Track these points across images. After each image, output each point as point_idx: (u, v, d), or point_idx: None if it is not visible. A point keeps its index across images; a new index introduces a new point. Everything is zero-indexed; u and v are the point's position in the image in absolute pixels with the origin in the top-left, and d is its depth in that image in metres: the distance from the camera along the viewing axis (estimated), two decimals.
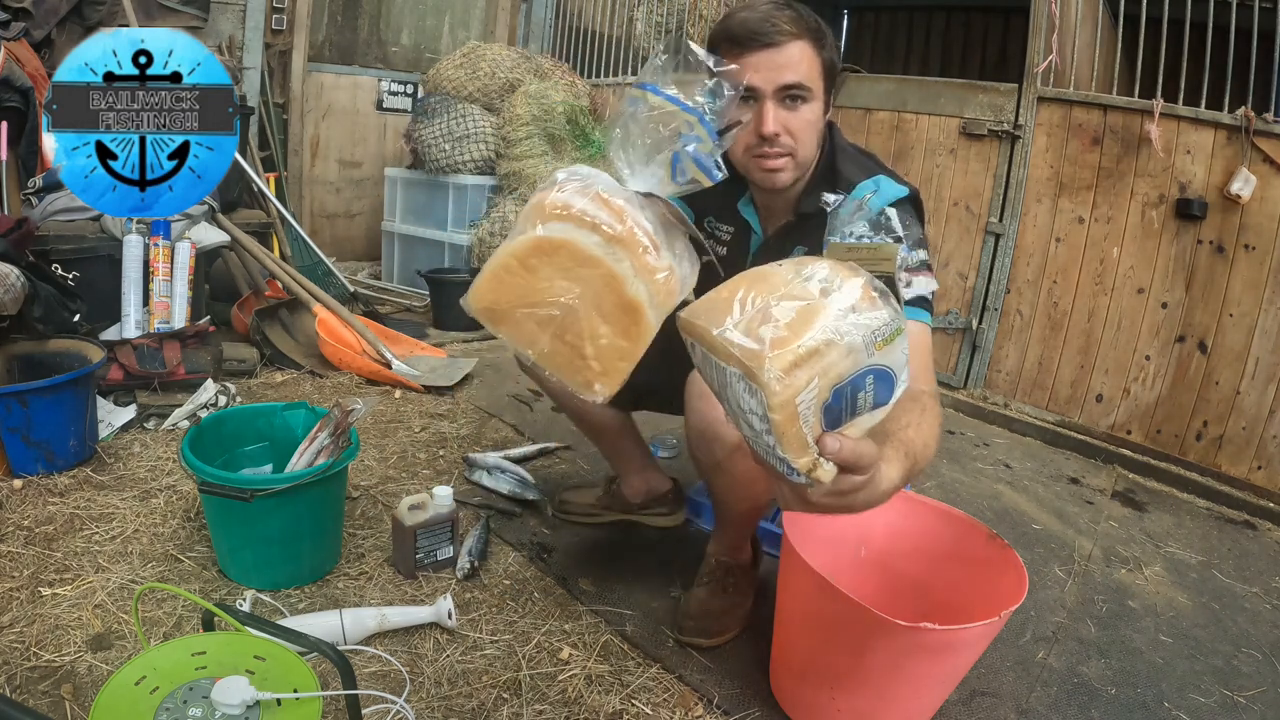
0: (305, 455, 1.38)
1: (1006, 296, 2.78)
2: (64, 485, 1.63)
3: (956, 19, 4.27)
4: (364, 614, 1.27)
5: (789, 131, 1.13)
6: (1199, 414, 2.40)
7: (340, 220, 4.13)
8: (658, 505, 1.70)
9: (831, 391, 0.70)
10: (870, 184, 1.15)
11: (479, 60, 3.58)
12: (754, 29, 1.09)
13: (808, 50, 1.11)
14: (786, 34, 1.09)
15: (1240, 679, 1.43)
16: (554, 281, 0.95)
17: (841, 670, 1.10)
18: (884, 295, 0.76)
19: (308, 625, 1.19)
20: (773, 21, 1.09)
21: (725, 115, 1.01)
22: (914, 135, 2.94)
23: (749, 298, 0.73)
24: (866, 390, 0.73)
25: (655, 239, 0.97)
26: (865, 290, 0.75)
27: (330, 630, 1.20)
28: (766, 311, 0.71)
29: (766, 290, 0.74)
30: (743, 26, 1.10)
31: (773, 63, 1.09)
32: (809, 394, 0.68)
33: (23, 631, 1.19)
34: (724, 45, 1.13)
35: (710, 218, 1.37)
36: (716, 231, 1.36)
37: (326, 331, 2.46)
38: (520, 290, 0.97)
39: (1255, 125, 2.19)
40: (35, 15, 2.70)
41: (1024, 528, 1.97)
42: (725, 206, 1.32)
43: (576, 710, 1.16)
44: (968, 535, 1.25)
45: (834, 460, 0.71)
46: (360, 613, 1.27)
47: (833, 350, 0.70)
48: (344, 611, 1.25)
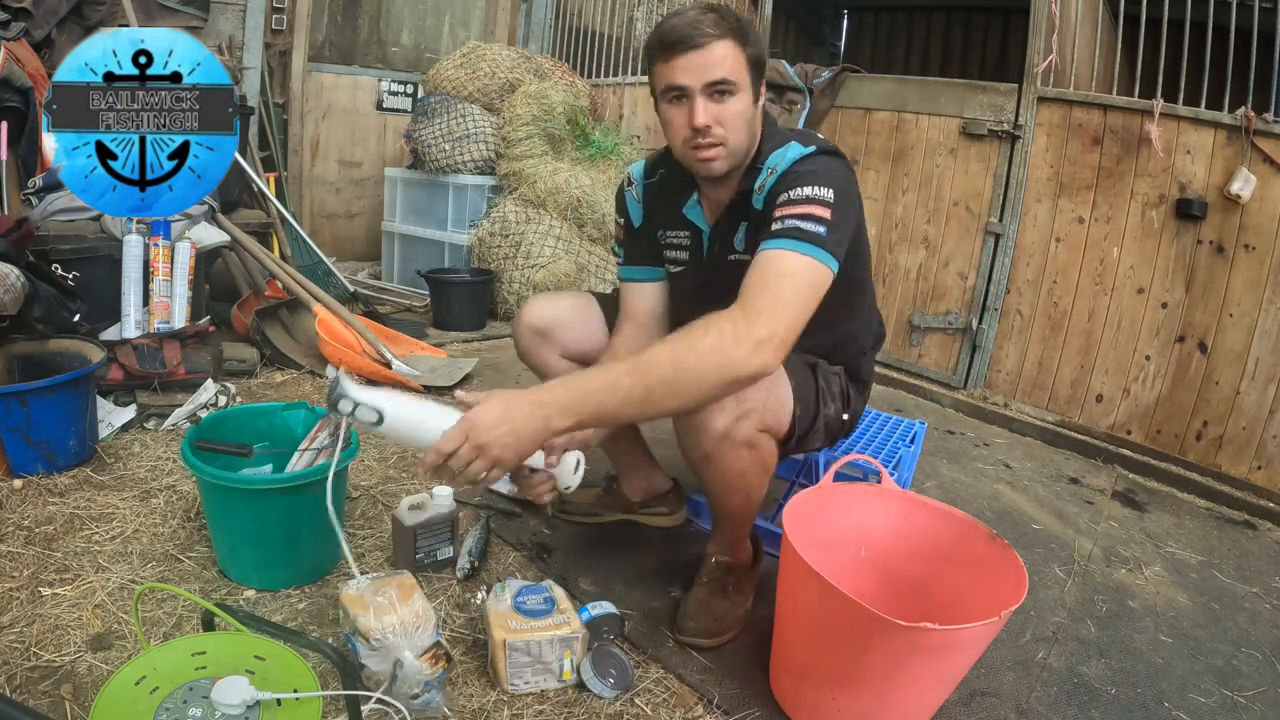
0: (305, 455, 1.38)
1: (1006, 296, 2.78)
2: (64, 485, 1.63)
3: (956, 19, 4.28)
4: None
5: (719, 122, 1.21)
6: (1199, 414, 2.40)
7: (340, 220, 4.13)
8: (658, 505, 1.70)
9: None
10: (779, 153, 1.25)
11: (479, 60, 3.58)
12: (681, 34, 1.18)
13: (731, 48, 1.19)
14: (710, 35, 1.18)
15: (1240, 679, 1.43)
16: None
17: (841, 670, 1.10)
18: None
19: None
20: (697, 25, 1.18)
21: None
22: (914, 135, 2.94)
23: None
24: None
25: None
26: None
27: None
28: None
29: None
30: (671, 33, 1.19)
31: (700, 62, 1.18)
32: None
33: (23, 631, 1.19)
34: (657, 51, 1.22)
35: (662, 230, 1.44)
36: (673, 239, 1.43)
37: (326, 331, 2.46)
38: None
39: (1255, 125, 2.18)
40: (35, 15, 2.70)
41: (1024, 528, 1.97)
42: (673, 215, 1.41)
43: (576, 710, 1.16)
44: (968, 535, 1.25)
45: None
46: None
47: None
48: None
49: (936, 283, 2.96)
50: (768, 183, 1.23)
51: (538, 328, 1.49)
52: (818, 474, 1.68)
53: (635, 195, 1.46)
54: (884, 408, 2.30)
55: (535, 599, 1.25)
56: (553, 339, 1.50)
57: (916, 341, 3.04)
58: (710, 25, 1.18)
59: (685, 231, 1.41)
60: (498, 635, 1.17)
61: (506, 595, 1.25)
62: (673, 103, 1.23)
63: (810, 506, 1.26)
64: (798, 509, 1.21)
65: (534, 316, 1.50)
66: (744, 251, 1.31)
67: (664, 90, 1.23)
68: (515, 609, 1.22)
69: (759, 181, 1.25)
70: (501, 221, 3.34)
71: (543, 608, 1.23)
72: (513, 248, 3.30)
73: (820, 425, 1.34)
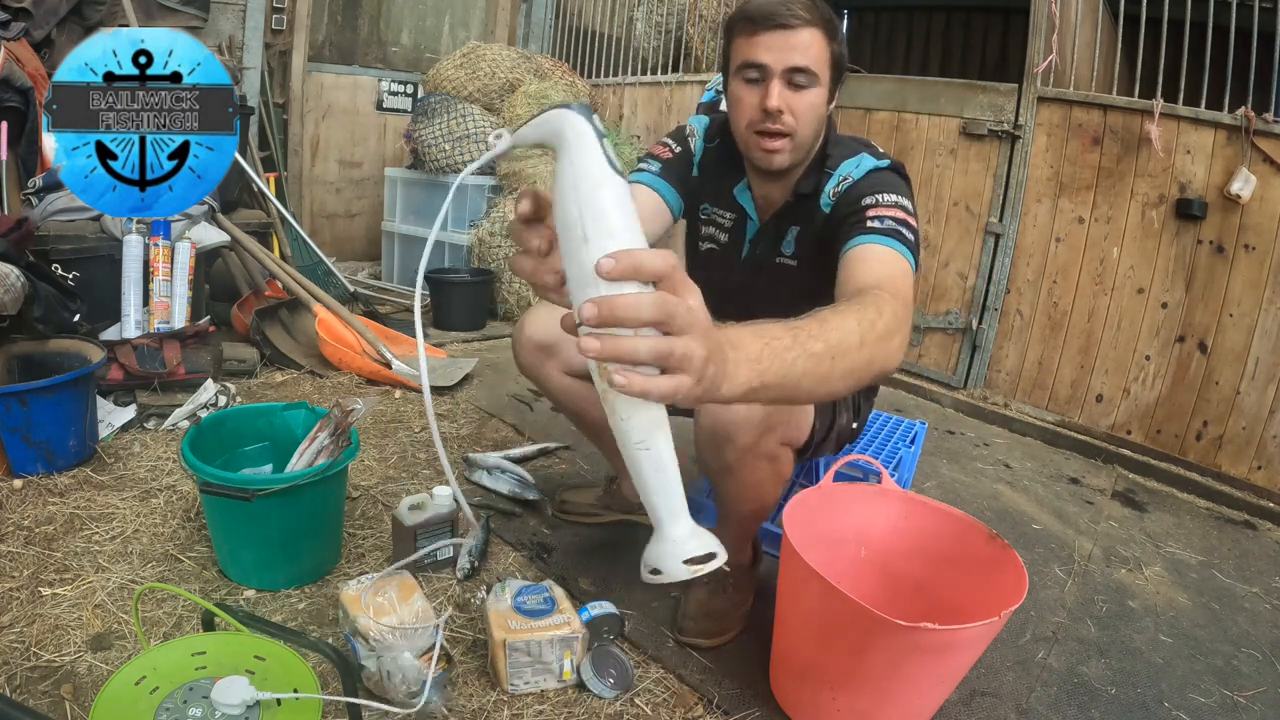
0: (305, 455, 1.38)
1: (1006, 296, 2.78)
2: (64, 485, 1.63)
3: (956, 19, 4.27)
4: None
5: (792, 111, 1.17)
6: (1199, 414, 2.39)
7: (340, 220, 4.13)
8: None
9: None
10: (852, 162, 1.22)
11: (479, 60, 3.58)
12: (770, 9, 1.13)
13: (819, 38, 1.15)
14: (801, 19, 1.13)
15: (1240, 679, 1.43)
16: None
17: (841, 670, 1.10)
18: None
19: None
20: (789, 6, 1.13)
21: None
22: (914, 135, 2.94)
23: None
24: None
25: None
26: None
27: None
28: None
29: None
30: (760, 8, 1.14)
31: (785, 44, 1.13)
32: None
33: (23, 631, 1.18)
34: (740, 24, 1.17)
35: (706, 204, 1.38)
36: (715, 217, 1.37)
37: (326, 331, 2.46)
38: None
39: (1255, 125, 2.18)
40: (35, 15, 2.70)
41: (1024, 528, 1.97)
42: (722, 193, 1.34)
43: (576, 710, 1.16)
44: (968, 535, 1.25)
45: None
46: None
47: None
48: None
49: (936, 283, 2.96)
50: (841, 189, 1.19)
51: (541, 343, 1.41)
52: (818, 474, 1.68)
53: (694, 150, 1.37)
54: (884, 408, 2.30)
55: (535, 599, 1.25)
56: (557, 355, 1.42)
57: (916, 341, 3.04)
58: (803, 9, 1.13)
59: (731, 214, 1.35)
60: (498, 635, 1.17)
61: (506, 595, 1.25)
62: (747, 81, 1.18)
63: (810, 506, 1.26)
64: (798, 509, 1.21)
65: (537, 331, 1.41)
66: (793, 257, 1.28)
67: (740, 66, 1.17)
68: (515, 609, 1.22)
69: (830, 187, 1.21)
70: (501, 221, 3.34)
71: (543, 608, 1.23)
72: (513, 248, 3.30)
73: (833, 435, 1.34)
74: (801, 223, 1.26)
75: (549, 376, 1.44)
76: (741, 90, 1.19)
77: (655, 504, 0.63)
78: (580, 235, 0.55)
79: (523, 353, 1.44)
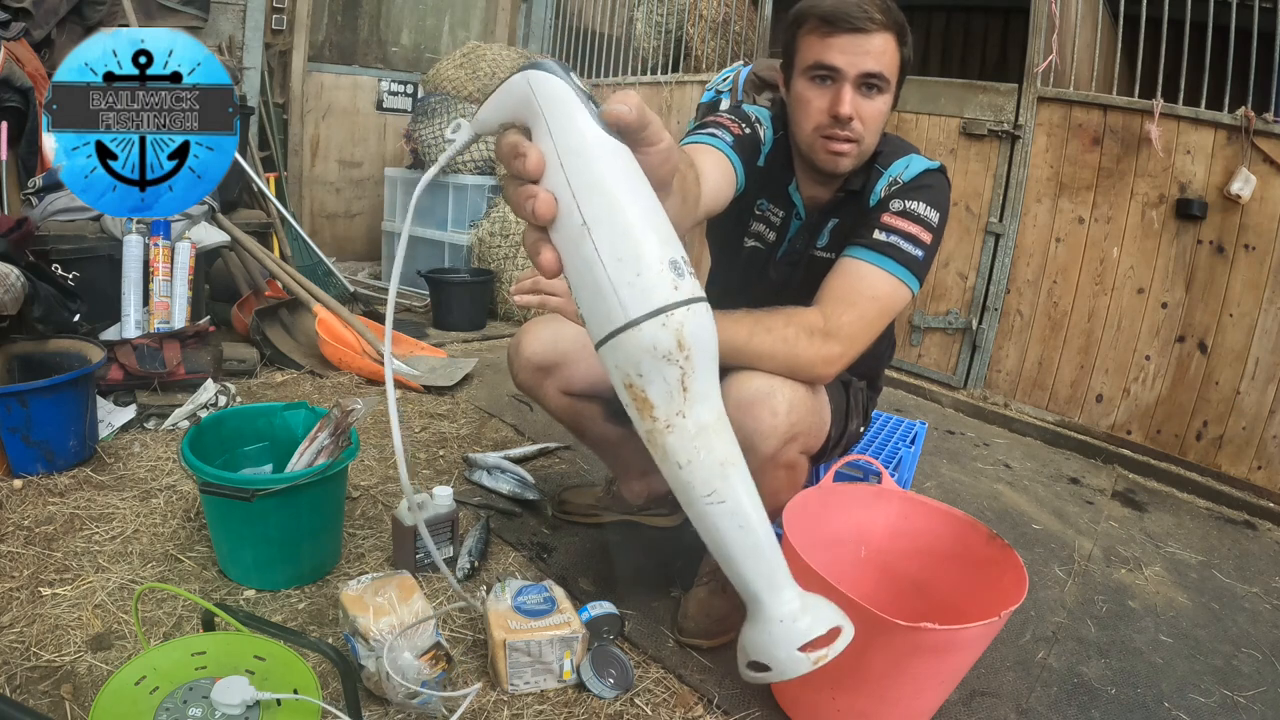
0: (305, 455, 1.38)
1: (1006, 296, 2.78)
2: (64, 485, 1.63)
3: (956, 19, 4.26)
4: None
5: (861, 118, 1.15)
6: (1199, 414, 2.39)
7: (340, 220, 4.13)
8: (658, 506, 1.70)
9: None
10: (903, 162, 1.22)
11: (479, 60, 3.58)
12: (846, 11, 1.10)
13: (892, 43, 1.13)
14: (877, 23, 1.11)
15: (1240, 679, 1.43)
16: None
17: (841, 670, 1.10)
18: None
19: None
20: (864, 8, 1.10)
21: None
22: (914, 135, 2.94)
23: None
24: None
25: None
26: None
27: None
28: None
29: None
30: (835, 8, 1.11)
31: (859, 48, 1.11)
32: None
33: (23, 631, 1.18)
34: (812, 22, 1.14)
35: (763, 200, 1.35)
36: (769, 214, 1.35)
37: (326, 331, 2.46)
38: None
39: (1255, 125, 2.18)
40: (35, 15, 2.70)
41: (1024, 528, 1.97)
42: (778, 192, 1.32)
43: (576, 710, 1.16)
44: (968, 535, 1.25)
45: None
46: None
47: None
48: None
49: (936, 283, 2.96)
50: (892, 190, 1.19)
51: (540, 364, 1.39)
52: (818, 474, 1.68)
53: (764, 139, 1.30)
54: (884, 408, 2.30)
55: (535, 599, 1.25)
56: (556, 375, 1.40)
57: (917, 341, 3.04)
58: (878, 12, 1.11)
59: (782, 211, 1.32)
60: (498, 635, 1.17)
61: (506, 595, 1.25)
62: (816, 82, 1.14)
63: (810, 506, 1.26)
64: (798, 509, 1.22)
65: (536, 353, 1.39)
66: (827, 249, 1.27)
67: (810, 66, 1.14)
68: (515, 609, 1.22)
69: (880, 186, 1.20)
70: (501, 221, 3.34)
71: (543, 608, 1.23)
72: (513, 248, 3.30)
73: (844, 440, 1.34)
74: (842, 216, 1.25)
75: (547, 396, 1.44)
76: (810, 91, 1.16)
77: (744, 575, 0.50)
78: (578, 222, 0.45)
79: (520, 372, 1.43)
